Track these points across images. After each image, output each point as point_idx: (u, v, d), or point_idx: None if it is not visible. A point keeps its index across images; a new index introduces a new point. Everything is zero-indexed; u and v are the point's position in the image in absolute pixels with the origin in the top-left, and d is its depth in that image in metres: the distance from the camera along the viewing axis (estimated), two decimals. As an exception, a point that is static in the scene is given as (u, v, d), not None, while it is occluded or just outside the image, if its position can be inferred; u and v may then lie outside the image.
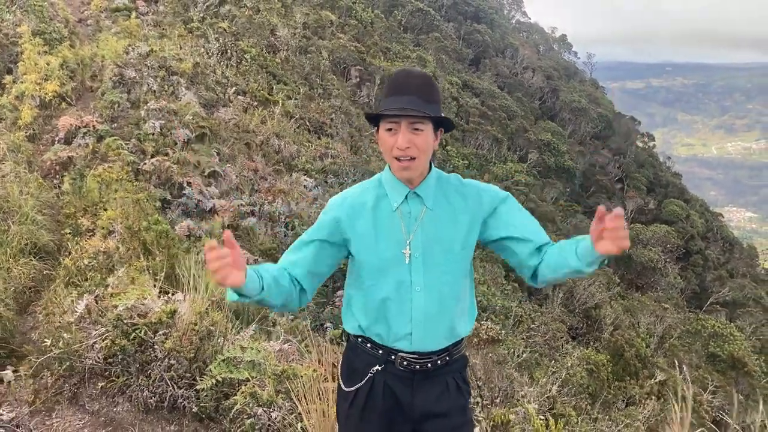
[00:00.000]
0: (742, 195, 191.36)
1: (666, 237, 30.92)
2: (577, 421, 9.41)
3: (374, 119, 1.98)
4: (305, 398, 2.48)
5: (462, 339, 2.13)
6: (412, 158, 1.94)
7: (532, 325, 14.37)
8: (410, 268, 1.98)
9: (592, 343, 18.05)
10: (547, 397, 9.46)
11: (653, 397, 15.99)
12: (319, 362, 2.91)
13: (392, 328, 2.01)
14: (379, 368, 2.03)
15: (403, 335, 2.01)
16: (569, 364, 12.92)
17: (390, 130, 1.94)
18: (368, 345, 2.06)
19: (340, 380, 2.13)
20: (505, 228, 2.10)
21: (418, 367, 2.03)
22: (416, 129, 1.94)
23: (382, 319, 2.02)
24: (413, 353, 2.03)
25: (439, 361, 2.05)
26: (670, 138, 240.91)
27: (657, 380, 16.88)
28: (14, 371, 4.09)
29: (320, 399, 2.45)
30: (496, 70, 42.81)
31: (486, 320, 11.76)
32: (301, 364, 3.18)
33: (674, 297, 29.10)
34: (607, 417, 12.08)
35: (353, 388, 2.06)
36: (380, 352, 2.04)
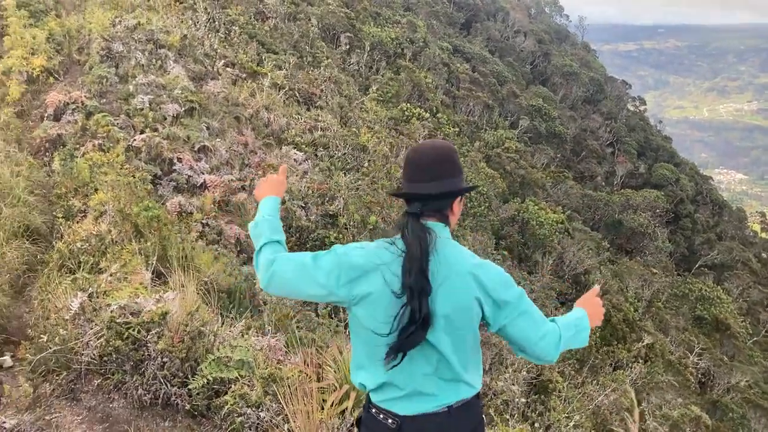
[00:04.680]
0: (733, 157, 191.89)
1: (655, 202, 31.18)
2: (563, 387, 9.66)
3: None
4: (291, 400, 2.60)
5: None
6: None
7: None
8: None
9: (581, 309, 18.33)
10: (534, 365, 9.68)
11: (640, 360, 16.35)
12: (305, 363, 3.03)
13: None
14: None
15: None
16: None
17: None
18: None
19: None
20: None
21: None
22: None
23: None
24: None
25: None
26: (662, 101, 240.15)
27: (644, 344, 17.22)
28: (12, 357, 4.22)
29: (305, 401, 2.58)
30: (487, 34, 42.50)
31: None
32: (288, 364, 3.31)
33: (663, 261, 29.45)
34: (594, 381, 12.37)
35: None
36: None
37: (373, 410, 2.15)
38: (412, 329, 2.01)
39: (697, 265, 31.60)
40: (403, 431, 2.10)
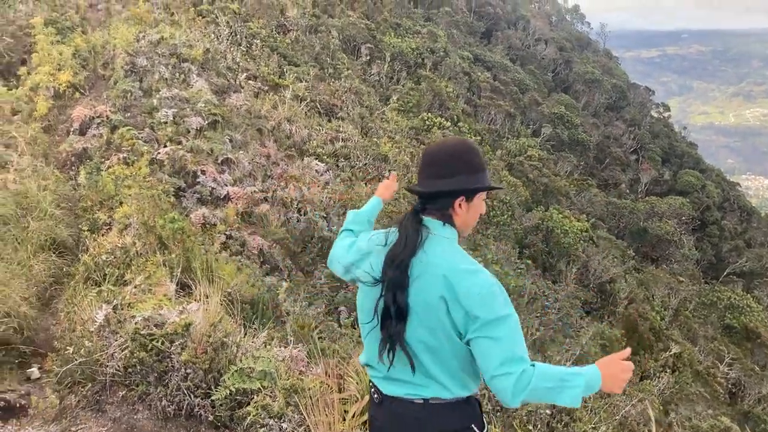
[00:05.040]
0: (761, 162, 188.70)
1: (681, 209, 30.74)
2: (589, 397, 9.54)
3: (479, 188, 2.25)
4: (313, 411, 2.60)
5: None
6: None
7: (546, 303, 14.43)
8: None
9: (606, 318, 18.11)
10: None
11: (668, 370, 16.10)
12: (326, 373, 3.03)
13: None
14: None
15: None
16: (583, 341, 13.01)
17: (484, 199, 2.28)
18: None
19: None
20: None
21: None
22: None
23: None
24: None
25: None
26: (686, 107, 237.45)
27: (672, 353, 16.95)
28: (39, 369, 4.27)
29: (327, 412, 2.57)
30: (508, 43, 42.40)
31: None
32: (309, 375, 3.31)
33: (690, 269, 28.98)
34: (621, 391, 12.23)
35: None
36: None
37: (370, 383, 2.31)
38: (391, 322, 2.08)
39: (725, 273, 31.05)
40: (384, 407, 2.22)
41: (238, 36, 16.64)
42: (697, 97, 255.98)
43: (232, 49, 15.57)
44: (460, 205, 2.18)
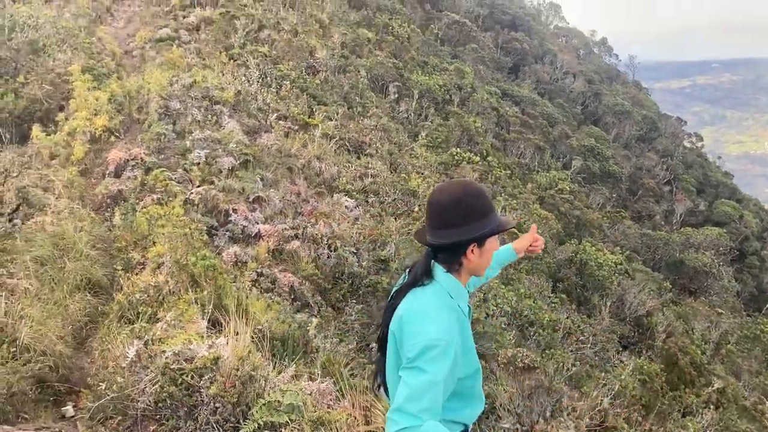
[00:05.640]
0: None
1: (718, 239, 30.11)
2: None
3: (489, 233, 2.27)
4: (341, 444, 2.59)
5: None
6: None
7: (581, 337, 14.18)
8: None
9: (644, 352, 17.68)
10: (598, 410, 9.35)
11: (711, 407, 15.59)
12: (353, 406, 3.02)
13: (479, 406, 2.37)
14: None
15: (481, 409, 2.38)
16: (621, 376, 12.72)
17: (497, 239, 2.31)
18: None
19: None
20: None
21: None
22: None
23: (479, 400, 2.37)
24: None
25: None
26: (720, 136, 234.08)
27: (714, 388, 16.43)
28: (74, 407, 4.32)
29: (354, 445, 2.56)
30: (535, 77, 42.52)
31: (531, 339, 11.69)
32: (336, 409, 3.30)
33: (730, 301, 28.26)
34: (662, 429, 11.86)
35: None
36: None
37: None
38: (377, 354, 2.26)
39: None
40: None
41: (269, 78, 16.99)
42: (730, 127, 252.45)
43: (262, 90, 15.89)
44: (472, 251, 2.22)
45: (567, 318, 14.35)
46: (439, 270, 2.22)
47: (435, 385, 1.97)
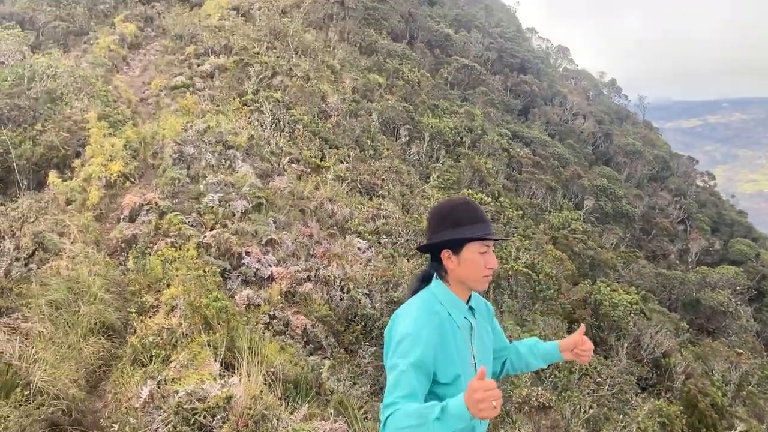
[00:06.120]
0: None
1: (735, 278, 29.75)
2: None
3: (458, 241, 2.37)
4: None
5: None
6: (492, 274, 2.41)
7: (598, 379, 13.95)
8: (474, 373, 2.30)
9: (663, 394, 17.35)
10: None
11: (735, 450, 15.18)
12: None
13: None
14: None
15: (470, 428, 2.35)
16: (639, 418, 12.47)
17: (483, 252, 2.35)
18: None
19: None
20: (498, 338, 2.58)
21: None
22: (493, 250, 2.41)
23: None
24: None
25: None
26: (733, 175, 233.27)
27: (738, 431, 16.05)
28: (86, 451, 4.29)
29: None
30: (545, 119, 42.79)
31: (547, 380, 11.52)
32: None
33: (749, 341, 27.77)
34: (685, 473, 11.54)
35: None
36: None
37: None
38: None
39: (789, 346, 29.63)
40: None
41: (281, 122, 17.21)
42: (743, 165, 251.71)
43: (275, 134, 16.09)
44: (449, 258, 2.37)
45: (583, 359, 14.12)
46: (434, 278, 2.39)
47: (408, 371, 2.10)
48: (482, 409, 1.91)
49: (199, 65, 20.21)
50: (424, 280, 2.42)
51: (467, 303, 2.40)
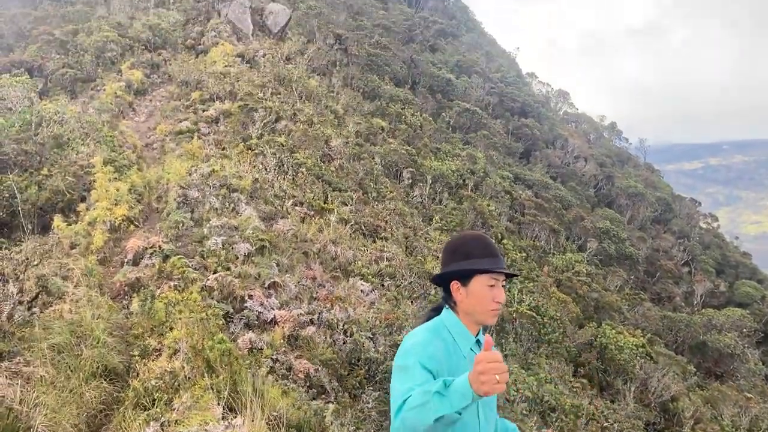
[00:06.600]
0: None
1: (741, 321, 29.50)
2: None
3: (467, 272, 2.42)
4: None
5: None
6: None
7: (605, 423, 13.74)
8: (477, 405, 2.35)
9: (672, 440, 17.05)
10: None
11: (747, 497, 14.85)
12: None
13: None
14: None
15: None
16: (649, 464, 12.23)
17: (492, 286, 2.38)
18: None
19: None
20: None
21: None
22: (503, 285, 2.45)
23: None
24: None
25: None
26: (736, 217, 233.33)
27: (750, 477, 15.71)
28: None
29: None
30: (547, 162, 43.05)
31: (553, 425, 11.36)
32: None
33: (758, 384, 27.38)
34: None
35: None
36: None
37: None
38: None
39: (798, 389, 29.18)
40: None
41: (285, 166, 17.36)
42: (747, 207, 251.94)
43: (279, 178, 16.22)
44: (458, 289, 2.42)
45: (590, 403, 13.95)
46: (445, 308, 2.47)
47: (411, 370, 2.16)
48: (485, 382, 1.85)
49: (204, 110, 20.47)
50: (436, 310, 2.50)
51: (476, 336, 2.43)
